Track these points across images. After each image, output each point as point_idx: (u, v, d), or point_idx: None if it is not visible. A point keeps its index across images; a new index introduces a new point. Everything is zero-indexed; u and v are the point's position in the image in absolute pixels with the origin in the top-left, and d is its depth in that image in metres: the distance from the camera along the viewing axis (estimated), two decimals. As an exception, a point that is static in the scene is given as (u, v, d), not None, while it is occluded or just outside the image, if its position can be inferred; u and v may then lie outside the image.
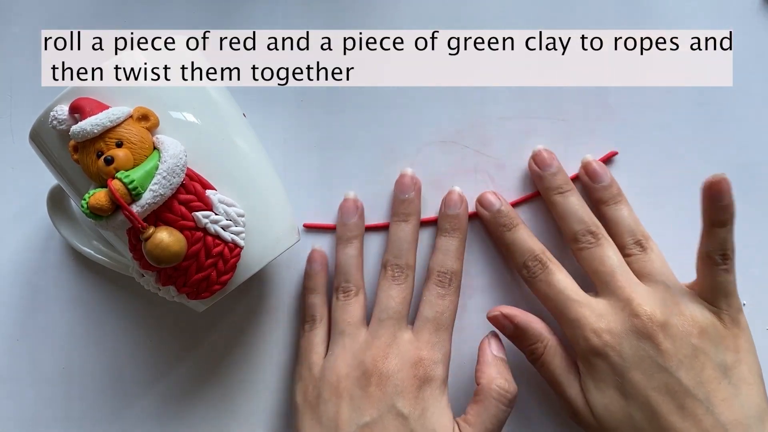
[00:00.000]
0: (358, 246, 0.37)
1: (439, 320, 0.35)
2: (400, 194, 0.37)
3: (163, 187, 0.29)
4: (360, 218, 0.38)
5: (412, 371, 0.33)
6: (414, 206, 0.37)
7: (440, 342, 0.34)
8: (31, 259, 0.39)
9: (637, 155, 0.38)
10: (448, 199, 0.37)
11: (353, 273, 0.36)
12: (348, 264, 0.37)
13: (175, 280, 0.31)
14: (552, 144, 0.38)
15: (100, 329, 0.39)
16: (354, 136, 0.39)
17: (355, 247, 0.37)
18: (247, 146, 0.33)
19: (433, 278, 0.36)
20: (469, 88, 0.39)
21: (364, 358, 0.34)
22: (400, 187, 0.37)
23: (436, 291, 0.35)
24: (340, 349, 0.35)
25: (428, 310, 0.35)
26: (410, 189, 0.37)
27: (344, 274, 0.36)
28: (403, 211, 0.37)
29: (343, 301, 0.36)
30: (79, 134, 0.29)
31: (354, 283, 0.36)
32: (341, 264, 0.37)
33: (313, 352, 0.36)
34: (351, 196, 0.38)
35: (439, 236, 0.37)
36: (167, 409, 0.38)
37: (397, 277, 0.36)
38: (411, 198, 0.37)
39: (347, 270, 0.37)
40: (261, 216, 0.32)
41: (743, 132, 0.38)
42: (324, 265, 0.38)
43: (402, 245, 0.36)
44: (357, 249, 0.37)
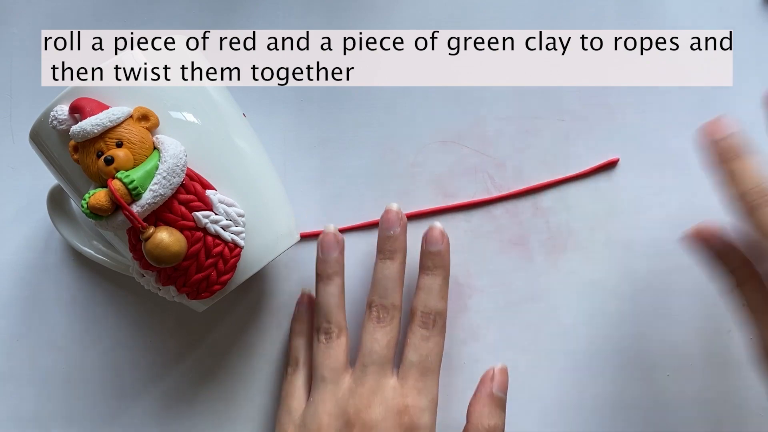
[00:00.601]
0: (340, 283, 0.35)
1: (425, 364, 0.33)
2: (386, 230, 0.35)
3: (163, 187, 0.29)
4: (341, 253, 0.36)
5: (397, 420, 0.32)
6: (400, 243, 0.35)
7: (426, 387, 0.33)
8: (31, 259, 0.39)
9: (637, 155, 0.38)
10: (430, 236, 0.35)
11: (335, 313, 0.35)
12: (329, 303, 0.35)
13: (175, 280, 0.31)
14: (552, 144, 0.38)
15: (100, 329, 0.39)
16: (354, 136, 0.39)
17: (337, 285, 0.35)
18: (247, 146, 0.33)
19: (416, 319, 0.34)
20: (469, 88, 0.39)
21: (346, 407, 0.32)
22: (386, 223, 0.35)
23: (420, 333, 0.34)
24: (322, 397, 0.33)
25: (413, 353, 0.33)
26: (395, 225, 0.35)
27: (325, 314, 0.35)
28: (389, 248, 0.35)
29: (325, 344, 0.34)
30: (79, 134, 0.29)
31: (335, 323, 0.34)
32: (321, 303, 0.35)
33: (294, 398, 0.35)
34: (331, 230, 0.36)
35: (422, 275, 0.35)
36: (167, 409, 0.38)
37: (382, 318, 0.34)
38: (396, 234, 0.35)
39: (328, 310, 0.35)
40: (261, 216, 0.32)
41: (743, 132, 0.38)
42: (311, 309, 0.37)
43: (387, 284, 0.34)
44: (338, 287, 0.35)
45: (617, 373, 0.37)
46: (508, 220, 0.38)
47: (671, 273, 0.37)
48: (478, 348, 0.37)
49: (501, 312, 0.38)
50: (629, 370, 0.37)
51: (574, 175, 0.38)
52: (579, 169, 0.38)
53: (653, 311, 0.37)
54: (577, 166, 0.38)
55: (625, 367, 0.37)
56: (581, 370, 0.37)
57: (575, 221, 0.38)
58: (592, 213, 0.38)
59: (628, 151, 0.38)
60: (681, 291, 0.37)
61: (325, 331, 0.34)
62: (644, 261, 0.38)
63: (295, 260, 0.39)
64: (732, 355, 0.37)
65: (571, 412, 0.37)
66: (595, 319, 0.37)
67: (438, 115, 0.39)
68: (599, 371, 0.37)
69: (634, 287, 0.38)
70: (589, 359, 0.37)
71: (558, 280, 0.38)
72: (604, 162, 0.38)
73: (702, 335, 0.37)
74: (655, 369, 0.37)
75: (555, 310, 0.38)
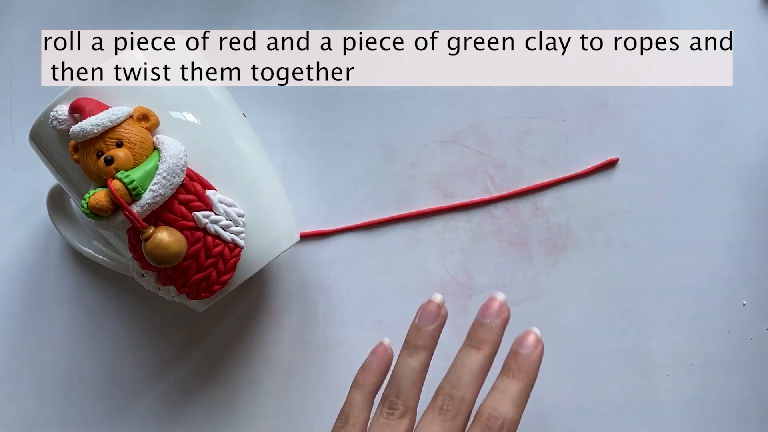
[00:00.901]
0: (425, 360, 0.31)
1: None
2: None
3: (163, 187, 0.29)
4: (438, 328, 0.32)
5: None
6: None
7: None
8: (31, 259, 0.39)
9: (637, 155, 0.38)
10: (523, 339, 0.31)
11: (408, 389, 0.31)
12: (405, 376, 0.31)
13: (175, 280, 0.31)
14: (552, 144, 0.38)
15: (100, 329, 0.39)
16: (354, 136, 0.39)
17: (421, 360, 0.31)
18: (247, 146, 0.33)
19: (481, 422, 0.29)
20: (469, 88, 0.39)
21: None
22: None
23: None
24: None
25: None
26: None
27: (397, 387, 0.31)
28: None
29: (385, 420, 0.30)
30: (79, 134, 0.29)
31: (404, 401, 0.30)
32: (397, 374, 0.31)
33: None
34: (437, 300, 0.32)
35: (501, 375, 0.31)
36: (167, 409, 0.38)
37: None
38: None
39: (402, 383, 0.31)
40: (261, 216, 0.32)
41: (743, 132, 0.38)
42: (384, 365, 0.33)
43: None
44: (422, 363, 0.31)
45: (617, 373, 0.37)
46: (508, 220, 0.38)
47: (671, 273, 0.37)
48: (478, 348, 0.37)
49: (501, 312, 0.38)
50: (629, 370, 0.37)
51: (574, 175, 0.38)
52: (579, 169, 0.38)
53: (653, 311, 0.37)
54: (577, 166, 0.38)
55: (625, 367, 0.37)
56: (581, 370, 0.37)
57: (575, 221, 0.38)
58: (592, 213, 0.38)
59: (628, 151, 0.38)
60: (681, 291, 0.37)
61: (390, 405, 0.31)
62: (644, 261, 0.38)
63: (295, 260, 0.39)
64: (732, 355, 0.37)
65: (571, 412, 0.37)
66: (595, 319, 0.37)
67: (438, 115, 0.39)
68: (599, 371, 0.37)
69: (634, 287, 0.38)
70: (589, 359, 0.37)
71: (558, 280, 0.38)
72: (604, 162, 0.38)
73: (702, 335, 0.37)
74: (655, 369, 0.37)
75: (555, 310, 0.38)
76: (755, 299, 0.37)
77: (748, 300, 0.37)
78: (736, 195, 0.36)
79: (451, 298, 0.38)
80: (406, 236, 0.38)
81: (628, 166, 0.38)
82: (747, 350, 0.37)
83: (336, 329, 0.38)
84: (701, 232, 0.38)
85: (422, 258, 0.38)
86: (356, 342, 0.38)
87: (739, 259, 0.37)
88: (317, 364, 0.38)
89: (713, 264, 0.37)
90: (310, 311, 0.38)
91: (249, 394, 0.38)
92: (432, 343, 0.32)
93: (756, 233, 0.38)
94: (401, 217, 0.38)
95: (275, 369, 0.38)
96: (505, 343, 0.31)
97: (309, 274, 0.38)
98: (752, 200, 0.38)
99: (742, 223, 0.34)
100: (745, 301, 0.37)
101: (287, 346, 0.38)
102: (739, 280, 0.37)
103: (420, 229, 0.38)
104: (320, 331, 0.38)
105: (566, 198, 0.38)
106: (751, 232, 0.38)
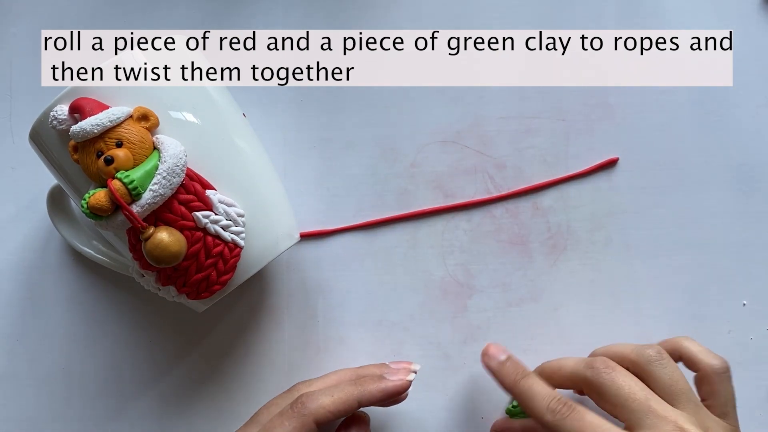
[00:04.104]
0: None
1: None
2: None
3: (163, 187, 0.29)
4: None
5: None
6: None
7: None
8: (31, 259, 0.39)
9: (637, 155, 0.38)
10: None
11: None
12: None
13: (175, 280, 0.31)
14: (552, 144, 0.38)
15: (100, 329, 0.39)
16: (354, 136, 0.39)
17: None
18: (247, 146, 0.33)
19: None
20: (469, 88, 0.39)
21: None
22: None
23: None
24: None
25: None
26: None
27: None
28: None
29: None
30: (79, 134, 0.29)
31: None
32: None
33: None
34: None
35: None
36: (167, 409, 0.38)
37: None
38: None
39: None
40: (261, 216, 0.32)
41: (743, 132, 0.38)
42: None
43: None
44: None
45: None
46: (508, 220, 0.38)
47: (671, 273, 0.37)
48: (478, 348, 0.37)
49: (501, 312, 0.38)
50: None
51: (574, 174, 0.38)
52: (579, 168, 0.38)
53: (652, 311, 0.37)
54: (577, 165, 0.38)
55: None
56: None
57: (575, 221, 0.38)
58: (592, 213, 0.38)
59: (628, 151, 0.38)
60: (680, 291, 0.37)
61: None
62: (644, 261, 0.38)
63: (295, 260, 0.39)
64: (732, 355, 0.37)
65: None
66: (595, 319, 0.37)
67: (438, 115, 0.39)
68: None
69: (634, 287, 0.38)
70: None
71: (558, 280, 0.38)
72: (604, 162, 0.38)
73: (702, 335, 0.37)
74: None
75: (555, 310, 0.38)
76: (755, 299, 0.37)
77: (748, 300, 0.37)
78: (736, 195, 0.36)
79: (451, 298, 0.38)
80: (406, 236, 0.38)
81: (628, 166, 0.38)
82: (747, 350, 0.37)
83: (336, 329, 0.38)
84: (701, 232, 0.38)
85: (422, 258, 0.38)
86: (356, 342, 0.38)
87: (739, 259, 0.37)
88: (317, 364, 0.38)
89: (713, 264, 0.37)
90: (310, 311, 0.38)
91: (248, 394, 0.38)
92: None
93: (756, 233, 0.38)
94: (401, 217, 0.38)
95: (275, 369, 0.38)
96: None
97: (309, 274, 0.38)
98: (752, 200, 0.38)
99: (742, 223, 0.34)
100: (745, 301, 0.37)
101: (287, 346, 0.38)
102: (739, 280, 0.37)
103: (420, 229, 0.38)
104: (320, 331, 0.38)
105: (566, 198, 0.38)
106: (751, 232, 0.38)
